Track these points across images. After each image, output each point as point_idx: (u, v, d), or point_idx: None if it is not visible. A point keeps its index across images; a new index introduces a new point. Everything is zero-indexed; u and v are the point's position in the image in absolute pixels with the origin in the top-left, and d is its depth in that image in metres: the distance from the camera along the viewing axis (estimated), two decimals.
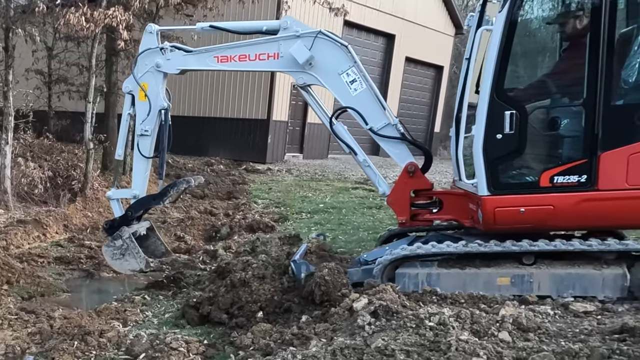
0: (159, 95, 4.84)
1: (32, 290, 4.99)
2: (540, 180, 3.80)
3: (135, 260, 4.84)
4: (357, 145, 4.59)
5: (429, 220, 4.53)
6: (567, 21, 3.99)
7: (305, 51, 4.33)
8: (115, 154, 5.08)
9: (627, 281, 3.70)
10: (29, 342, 3.75)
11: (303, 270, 4.08)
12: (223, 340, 3.74)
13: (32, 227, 6.67)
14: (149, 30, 4.83)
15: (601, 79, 3.65)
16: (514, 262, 3.86)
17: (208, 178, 11.00)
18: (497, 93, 3.80)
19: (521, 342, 2.74)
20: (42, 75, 11.21)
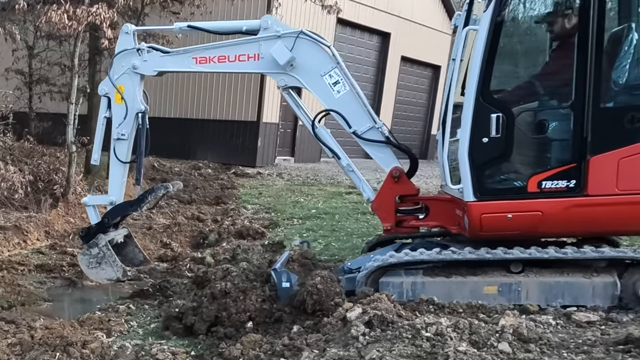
0: (135, 98, 4.73)
1: (12, 299, 4.86)
2: (528, 186, 3.74)
3: (112, 269, 4.73)
4: (340, 149, 4.51)
5: (415, 226, 4.47)
6: (554, 21, 3.94)
7: (286, 52, 4.23)
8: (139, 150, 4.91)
9: (618, 290, 3.65)
10: (8, 354, 3.64)
11: (284, 279, 4.03)
12: (211, 352, 3.65)
13: (12, 233, 6.51)
14: (125, 31, 4.71)
15: (590, 80, 3.60)
16: (502, 271, 3.79)
17: (195, 182, 10.85)
18: (482, 95, 3.74)
19: (522, 353, 2.70)
20: (23, 76, 10.99)
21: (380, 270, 3.92)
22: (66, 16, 6.84)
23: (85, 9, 7.01)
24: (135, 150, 4.84)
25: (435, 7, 18.96)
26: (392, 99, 17.79)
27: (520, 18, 4.16)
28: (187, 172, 11.94)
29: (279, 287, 3.99)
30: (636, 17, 3.86)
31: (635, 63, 3.75)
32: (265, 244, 5.95)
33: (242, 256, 5.24)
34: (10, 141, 8.88)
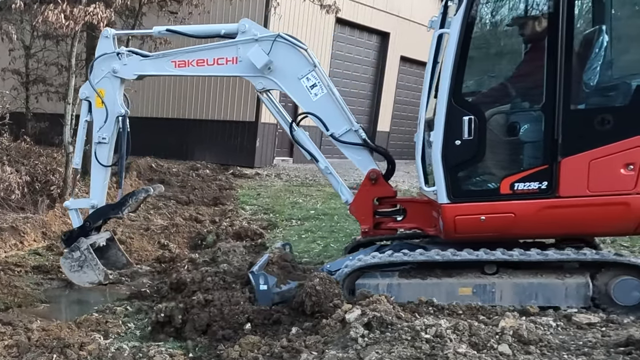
0: (116, 102, 4.76)
1: (9, 301, 4.84)
2: (501, 188, 3.77)
3: (93, 272, 4.76)
4: (318, 152, 4.54)
5: (392, 228, 4.48)
6: (524, 24, 3.97)
7: (263, 55, 4.25)
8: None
9: (590, 290, 3.66)
10: (5, 355, 3.63)
11: (261, 281, 4.04)
12: (209, 354, 3.63)
13: (8, 234, 6.47)
14: (104, 35, 4.74)
15: (560, 83, 3.63)
16: (476, 272, 3.82)
17: (193, 183, 10.82)
18: (454, 98, 3.76)
19: (522, 355, 2.69)
20: (19, 76, 10.93)
21: (357, 272, 3.94)
22: (63, 16, 6.81)
23: (82, 8, 6.98)
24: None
25: (435, 7, 18.87)
26: (391, 99, 17.77)
27: (491, 21, 4.20)
28: (185, 172, 11.91)
29: (257, 290, 4.02)
30: (606, 20, 3.91)
31: (604, 65, 3.79)
32: (248, 246, 5.95)
33: (222, 258, 5.24)
34: (7, 142, 8.85)
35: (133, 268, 5.14)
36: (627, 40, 3.92)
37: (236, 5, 12.32)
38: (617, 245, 5.96)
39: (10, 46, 9.78)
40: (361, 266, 3.90)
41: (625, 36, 3.90)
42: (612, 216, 3.65)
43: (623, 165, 3.57)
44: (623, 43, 3.89)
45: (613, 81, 3.91)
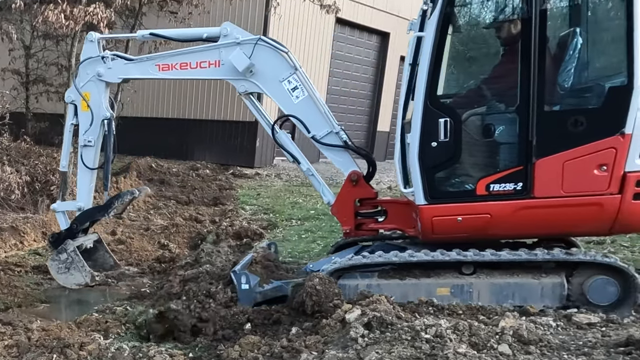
0: (101, 105, 4.80)
1: (9, 300, 4.83)
2: (477, 189, 3.82)
3: (80, 274, 4.79)
4: (300, 154, 4.58)
5: (374, 229, 4.51)
6: (498, 27, 4.02)
7: (244, 59, 4.30)
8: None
9: (565, 290, 3.71)
10: (5, 355, 3.62)
11: (243, 280, 4.05)
12: (209, 354, 3.62)
13: (8, 234, 6.46)
14: (89, 39, 4.79)
15: (534, 85, 3.66)
16: (454, 272, 3.86)
17: (193, 183, 10.81)
18: (430, 100, 3.80)
19: (522, 355, 2.69)
20: (19, 76, 10.93)
21: (337, 273, 3.98)
22: (63, 16, 6.82)
23: (82, 8, 6.99)
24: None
25: None
26: (391, 99, 17.75)
27: (465, 24, 4.23)
28: (185, 172, 11.90)
29: (238, 289, 4.03)
30: (579, 22, 3.94)
31: (578, 67, 3.83)
32: (233, 245, 5.96)
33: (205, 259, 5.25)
34: (7, 142, 8.85)
35: (120, 269, 5.18)
36: (600, 43, 3.96)
37: (236, 5, 12.32)
38: (617, 245, 5.96)
39: (10, 46, 9.78)
40: (336, 269, 3.94)
41: (597, 38, 3.95)
42: (586, 216, 3.69)
43: (596, 166, 3.61)
44: (596, 45, 3.93)
45: (586, 83, 3.95)
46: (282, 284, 4.23)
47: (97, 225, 7.29)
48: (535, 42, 3.62)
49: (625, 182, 3.59)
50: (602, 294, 3.67)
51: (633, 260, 5.22)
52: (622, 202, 3.60)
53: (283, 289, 4.20)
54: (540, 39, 3.63)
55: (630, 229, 4.11)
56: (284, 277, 4.42)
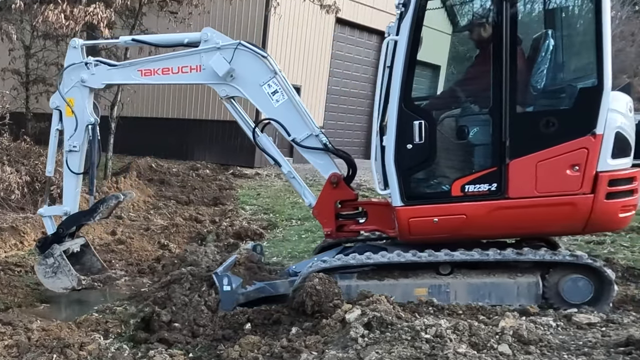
0: (85, 111, 4.83)
1: (9, 300, 4.83)
2: (452, 190, 3.85)
3: (67, 278, 4.80)
4: (281, 156, 4.62)
5: (354, 230, 4.54)
6: (470, 30, 4.06)
7: (224, 63, 4.34)
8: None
9: (540, 289, 3.75)
10: (5, 355, 3.61)
11: (225, 282, 4.08)
12: (209, 354, 3.62)
13: (8, 234, 6.46)
14: (72, 45, 4.82)
15: (506, 87, 3.70)
16: (431, 273, 3.90)
17: (193, 183, 10.80)
18: (405, 103, 3.83)
19: (522, 355, 2.69)
20: (19, 75, 10.92)
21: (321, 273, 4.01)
22: (63, 16, 6.82)
23: (82, 8, 6.99)
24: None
25: None
26: None
27: (438, 27, 4.25)
28: (185, 172, 11.90)
29: (220, 291, 4.06)
30: (550, 24, 3.99)
31: (549, 69, 3.87)
32: (220, 245, 5.92)
33: (191, 258, 5.28)
34: (7, 142, 8.84)
35: (107, 273, 5.21)
36: (571, 45, 4.01)
37: (236, 5, 12.31)
38: (617, 245, 5.95)
39: (10, 46, 9.77)
40: (312, 272, 3.98)
41: (568, 41, 3.99)
42: (560, 216, 3.72)
43: (569, 167, 3.65)
44: (567, 48, 3.97)
45: (558, 85, 3.99)
46: (265, 285, 4.27)
47: (97, 225, 7.31)
48: (506, 44, 3.67)
49: (597, 182, 3.64)
50: (577, 292, 3.71)
51: (633, 260, 5.23)
52: (595, 202, 3.65)
53: (266, 290, 4.24)
54: (512, 41, 3.67)
55: (603, 228, 4.18)
56: (266, 279, 4.46)
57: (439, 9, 4.00)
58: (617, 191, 3.69)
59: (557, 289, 3.74)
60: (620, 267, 4.86)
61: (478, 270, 3.85)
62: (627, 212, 3.77)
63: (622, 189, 3.71)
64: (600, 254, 5.32)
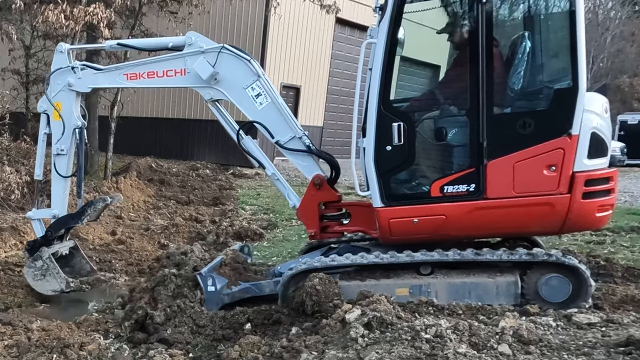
0: (72, 114, 4.87)
1: (9, 301, 4.85)
2: (431, 191, 3.88)
3: (55, 280, 4.84)
4: (266, 159, 4.65)
5: (338, 231, 4.56)
6: (447, 32, 4.09)
7: (208, 67, 4.37)
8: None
9: (519, 288, 3.77)
10: (5, 355, 3.62)
11: (209, 283, 4.09)
12: (209, 354, 3.62)
13: (8, 234, 6.46)
14: (59, 50, 4.87)
15: (483, 88, 3.73)
16: (412, 273, 3.92)
17: (193, 183, 10.81)
18: (383, 105, 3.87)
19: (522, 355, 2.68)
20: (19, 75, 10.94)
21: (301, 275, 4.03)
22: (63, 16, 6.83)
23: (82, 8, 7.00)
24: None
25: None
26: None
27: (415, 30, 4.29)
28: (185, 172, 11.91)
29: (205, 291, 4.08)
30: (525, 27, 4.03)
31: (525, 71, 3.90)
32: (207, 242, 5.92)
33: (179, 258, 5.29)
34: (7, 142, 8.85)
35: (96, 275, 5.23)
36: (546, 47, 4.04)
37: (236, 5, 12.33)
38: (617, 245, 5.96)
39: (10, 46, 9.78)
40: (293, 274, 4.01)
41: (544, 43, 4.02)
42: (538, 216, 3.75)
43: (546, 167, 3.68)
44: (542, 49, 4.01)
45: (534, 86, 4.02)
46: (250, 286, 4.29)
47: (97, 225, 7.32)
48: (483, 47, 3.70)
49: (574, 182, 3.67)
50: (555, 291, 3.74)
51: (633, 260, 5.23)
52: (572, 202, 3.68)
53: (251, 291, 4.26)
54: (488, 44, 3.71)
55: (581, 227, 4.22)
56: (252, 279, 4.47)
57: (415, 12, 4.02)
58: (594, 191, 3.73)
59: (536, 288, 3.77)
60: (620, 267, 4.86)
61: (458, 270, 3.88)
62: (604, 212, 3.82)
63: (598, 189, 3.75)
64: (600, 254, 5.33)
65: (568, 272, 3.75)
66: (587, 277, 3.70)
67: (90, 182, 9.38)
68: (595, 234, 6.55)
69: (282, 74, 14.42)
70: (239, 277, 4.41)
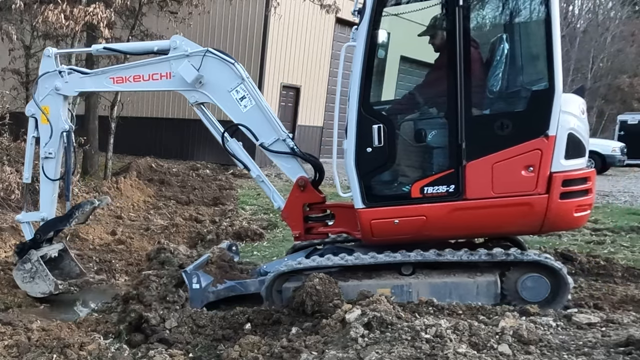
0: (60, 118, 4.91)
1: (9, 301, 4.85)
2: (412, 192, 3.92)
3: (44, 282, 4.88)
4: (251, 161, 4.69)
5: (323, 233, 4.60)
6: (424, 35, 4.13)
7: (192, 70, 4.41)
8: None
9: (498, 288, 3.81)
10: (5, 355, 3.62)
11: (194, 280, 4.12)
12: (209, 354, 3.62)
13: (8, 234, 6.46)
14: (46, 54, 4.91)
15: (461, 90, 3.76)
16: (394, 273, 3.96)
17: (193, 183, 10.80)
18: (363, 107, 3.90)
19: (522, 355, 2.68)
20: (19, 75, 10.91)
21: (283, 277, 4.07)
22: (63, 16, 6.83)
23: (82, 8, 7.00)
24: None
25: None
26: None
27: (393, 33, 4.36)
28: (185, 172, 11.90)
29: (189, 289, 4.11)
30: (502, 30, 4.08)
31: (503, 73, 3.94)
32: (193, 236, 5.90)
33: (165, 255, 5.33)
34: (7, 142, 8.85)
35: (85, 277, 5.26)
36: (524, 49, 4.08)
37: (236, 5, 12.33)
38: (617, 245, 5.97)
39: (10, 46, 9.77)
40: (277, 274, 4.03)
41: (521, 45, 4.06)
42: (517, 216, 3.79)
43: (524, 168, 3.72)
44: (520, 51, 4.05)
45: (511, 88, 4.07)
46: (236, 284, 4.32)
47: (97, 225, 7.32)
48: (460, 49, 3.74)
49: (551, 182, 3.71)
50: (534, 290, 3.78)
51: (633, 260, 5.23)
52: (550, 202, 3.71)
53: (236, 289, 4.29)
54: (466, 46, 3.75)
55: (559, 227, 4.29)
56: (237, 278, 4.49)
57: (393, 15, 4.07)
58: (572, 191, 3.76)
59: (515, 288, 3.81)
60: (620, 267, 4.87)
61: (439, 271, 3.93)
62: (582, 212, 3.86)
63: (576, 189, 3.79)
64: (600, 254, 5.33)
65: (546, 271, 3.79)
66: (565, 277, 3.75)
67: (90, 182, 9.38)
68: (595, 233, 6.56)
69: (282, 74, 14.42)
70: (225, 275, 4.45)
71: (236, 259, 5.04)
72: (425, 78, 4.32)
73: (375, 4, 3.81)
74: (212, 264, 4.54)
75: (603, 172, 16.28)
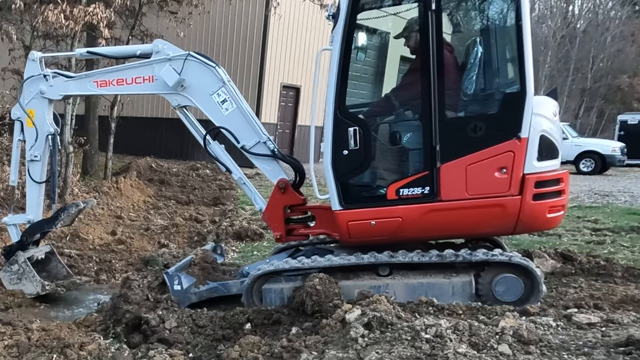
0: (45, 121, 4.95)
1: (9, 301, 4.84)
2: (387, 194, 3.96)
3: (31, 284, 4.92)
4: (233, 163, 4.70)
5: (304, 234, 4.63)
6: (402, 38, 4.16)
7: (173, 74, 4.45)
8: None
9: (473, 288, 3.85)
10: (5, 355, 3.62)
11: (175, 282, 4.16)
12: (209, 354, 3.62)
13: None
14: (31, 58, 4.95)
15: (435, 93, 3.78)
16: (371, 274, 3.99)
17: (193, 183, 10.81)
18: (339, 110, 3.95)
19: (522, 355, 2.68)
20: (19, 75, 10.90)
21: (263, 278, 4.11)
22: (63, 16, 6.84)
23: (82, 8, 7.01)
24: None
25: None
26: None
27: (368, 36, 4.37)
28: (185, 172, 11.91)
29: (170, 290, 4.14)
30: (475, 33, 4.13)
31: (476, 76, 3.99)
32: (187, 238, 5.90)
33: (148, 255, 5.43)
34: (7, 142, 8.85)
35: (72, 279, 5.30)
36: (496, 52, 4.12)
37: (236, 5, 12.34)
38: (617, 245, 5.97)
39: (10, 46, 9.78)
40: (258, 275, 4.06)
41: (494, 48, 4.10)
42: (491, 217, 3.84)
43: (497, 169, 3.77)
44: (492, 54, 4.10)
45: (484, 90, 4.11)
46: (218, 285, 4.33)
47: (98, 225, 7.33)
48: (434, 52, 3.77)
49: (524, 184, 3.75)
50: (509, 290, 3.81)
51: (633, 260, 5.23)
52: (523, 203, 3.76)
53: (218, 290, 4.31)
54: (439, 49, 3.78)
55: (533, 228, 4.34)
56: (220, 279, 4.51)
57: (367, 19, 4.08)
58: (544, 192, 3.80)
59: (490, 288, 3.84)
60: (620, 267, 4.86)
61: (415, 271, 3.95)
62: (555, 213, 3.89)
63: (549, 190, 3.83)
64: (600, 254, 5.33)
65: (520, 272, 3.82)
66: (538, 277, 3.77)
67: (91, 182, 9.40)
68: (595, 233, 6.56)
69: (282, 74, 14.43)
70: (207, 277, 4.47)
71: (220, 260, 5.07)
72: (400, 81, 4.36)
73: (350, 8, 3.84)
74: (196, 265, 4.57)
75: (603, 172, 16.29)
